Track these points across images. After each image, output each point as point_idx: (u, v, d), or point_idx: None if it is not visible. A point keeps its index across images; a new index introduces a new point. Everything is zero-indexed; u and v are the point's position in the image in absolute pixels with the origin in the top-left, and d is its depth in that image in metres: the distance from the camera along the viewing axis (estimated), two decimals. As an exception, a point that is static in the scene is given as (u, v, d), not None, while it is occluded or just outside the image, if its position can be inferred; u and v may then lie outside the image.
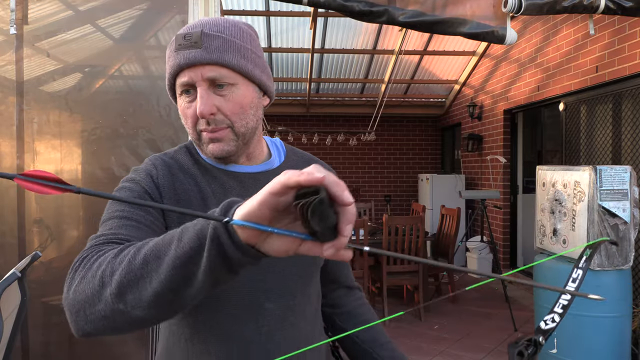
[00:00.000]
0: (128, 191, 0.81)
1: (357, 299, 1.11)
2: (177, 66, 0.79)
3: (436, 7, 2.27)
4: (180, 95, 0.83)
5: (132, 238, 0.72)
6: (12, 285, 1.54)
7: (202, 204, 0.84)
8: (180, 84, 0.81)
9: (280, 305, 0.85)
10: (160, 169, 0.86)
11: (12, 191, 2.22)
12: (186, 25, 0.83)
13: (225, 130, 0.83)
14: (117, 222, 0.76)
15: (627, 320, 2.73)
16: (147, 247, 0.59)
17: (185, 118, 0.84)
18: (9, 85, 2.20)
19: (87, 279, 0.62)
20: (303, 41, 6.27)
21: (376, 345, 1.03)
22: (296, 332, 0.87)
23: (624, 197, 2.67)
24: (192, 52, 0.77)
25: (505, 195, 6.14)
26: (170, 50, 0.81)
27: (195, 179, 0.87)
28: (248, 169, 0.91)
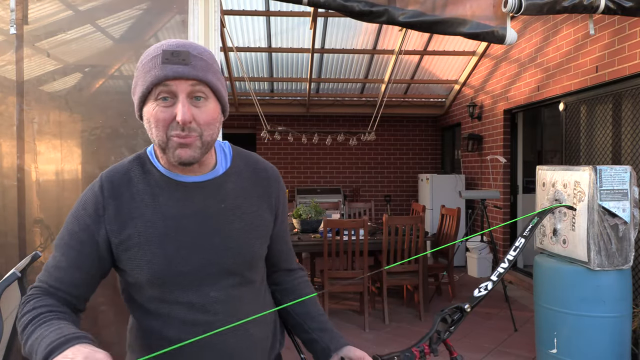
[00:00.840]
0: (70, 249, 0.98)
1: (296, 277, 1.24)
2: (163, 76, 0.90)
3: (436, 7, 2.27)
4: (156, 101, 0.92)
5: (60, 283, 0.97)
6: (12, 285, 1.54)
7: (147, 218, 0.98)
8: (161, 91, 0.91)
9: (223, 294, 1.01)
10: (107, 194, 0.99)
11: (13, 191, 2.23)
12: (166, 43, 0.94)
13: (195, 138, 0.93)
14: (50, 272, 0.99)
15: (627, 320, 2.73)
16: (29, 340, 0.87)
17: (156, 121, 0.92)
18: (9, 85, 2.20)
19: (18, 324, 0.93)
20: (303, 41, 6.27)
21: (308, 318, 1.16)
22: (238, 312, 1.03)
23: (624, 197, 2.67)
24: (180, 67, 0.90)
25: (505, 195, 6.14)
26: (154, 61, 0.92)
27: (142, 195, 0.99)
28: (194, 179, 1.01)
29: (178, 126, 0.91)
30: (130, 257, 0.97)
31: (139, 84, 0.94)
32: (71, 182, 2.32)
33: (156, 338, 1.00)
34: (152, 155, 1.04)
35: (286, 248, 1.21)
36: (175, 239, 0.97)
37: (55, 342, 0.79)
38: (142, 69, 0.94)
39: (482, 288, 1.05)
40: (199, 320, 0.99)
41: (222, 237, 1.01)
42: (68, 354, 0.75)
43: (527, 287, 5.45)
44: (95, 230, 0.97)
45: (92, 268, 0.98)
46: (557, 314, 2.78)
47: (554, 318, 2.81)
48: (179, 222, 0.98)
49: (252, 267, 1.07)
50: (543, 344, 2.91)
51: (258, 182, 1.10)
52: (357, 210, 6.37)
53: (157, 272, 0.96)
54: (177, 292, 0.98)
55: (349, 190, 8.44)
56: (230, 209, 1.03)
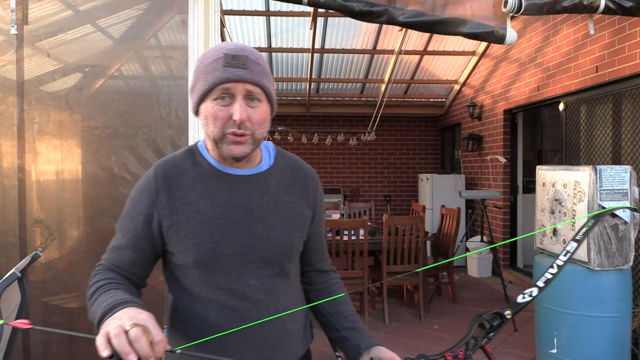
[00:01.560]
0: (127, 232, 1.08)
1: (329, 279, 1.29)
2: (225, 78, 0.99)
3: (436, 7, 2.27)
4: (215, 100, 1.01)
5: (120, 262, 1.08)
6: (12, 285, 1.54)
7: (196, 204, 1.06)
8: (221, 90, 1.00)
9: (263, 283, 1.09)
10: (160, 181, 1.08)
11: (13, 191, 2.23)
12: (226, 46, 1.03)
13: (248, 136, 1.03)
14: (112, 250, 1.10)
15: (627, 320, 2.73)
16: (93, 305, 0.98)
17: (214, 119, 1.01)
18: (10, 85, 2.21)
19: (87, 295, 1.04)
20: (303, 41, 6.27)
21: (339, 317, 1.21)
22: (276, 303, 1.11)
23: (624, 197, 2.67)
24: (240, 71, 1.00)
25: (505, 195, 6.14)
26: (216, 63, 1.01)
27: (193, 183, 1.08)
28: (241, 172, 1.10)
29: (234, 124, 1.00)
30: (180, 240, 1.05)
31: (199, 82, 1.02)
32: (71, 182, 2.32)
33: (197, 321, 1.07)
34: (202, 149, 1.13)
35: (321, 248, 1.27)
36: (221, 225, 1.05)
37: (109, 306, 0.91)
38: (203, 69, 1.02)
39: (527, 294, 1.01)
40: (238, 307, 1.07)
41: (264, 228, 1.08)
42: (117, 315, 0.86)
43: (527, 287, 5.43)
44: (149, 214, 1.06)
45: (146, 249, 1.08)
46: (557, 314, 2.79)
47: (554, 318, 2.81)
48: (226, 210, 1.06)
49: (289, 259, 1.14)
50: (543, 344, 2.91)
51: (298, 180, 1.18)
52: (357, 210, 6.37)
53: (203, 254, 1.04)
54: (219, 277, 1.06)
55: (349, 190, 8.44)
56: (272, 202, 1.11)
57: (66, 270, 2.35)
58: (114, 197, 2.27)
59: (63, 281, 2.34)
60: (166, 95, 2.27)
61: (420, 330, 4.20)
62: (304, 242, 1.19)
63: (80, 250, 2.35)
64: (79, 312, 2.32)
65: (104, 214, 2.29)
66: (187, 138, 2.18)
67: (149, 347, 0.80)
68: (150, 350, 0.80)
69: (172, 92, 2.27)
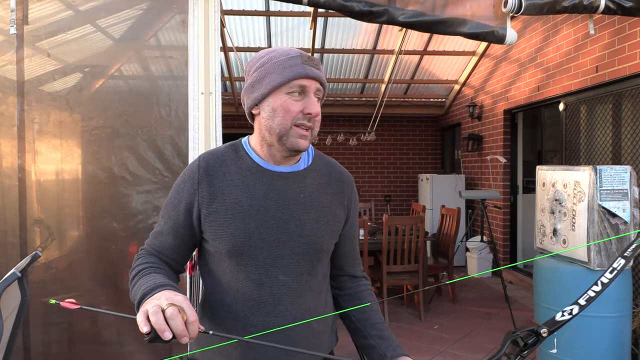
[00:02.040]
0: (169, 219, 1.14)
1: (359, 285, 1.29)
2: (305, 74, 1.06)
3: (436, 7, 2.27)
4: (287, 94, 1.06)
5: (161, 247, 1.15)
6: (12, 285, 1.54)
7: (235, 195, 1.11)
8: (297, 85, 1.06)
9: (291, 279, 1.11)
10: (202, 172, 1.13)
11: (13, 191, 2.23)
12: (296, 49, 1.10)
13: (309, 131, 1.09)
14: (154, 236, 1.16)
15: (627, 320, 2.73)
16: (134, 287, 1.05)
17: (286, 111, 1.06)
18: (10, 85, 2.21)
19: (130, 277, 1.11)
20: (303, 41, 6.27)
21: (368, 325, 1.22)
22: (302, 301, 1.13)
23: (624, 197, 2.67)
24: (315, 70, 1.08)
25: (505, 195, 6.14)
26: (293, 60, 1.07)
27: (233, 175, 1.13)
28: (280, 169, 1.15)
29: (304, 117, 1.07)
30: (216, 228, 1.09)
31: (271, 76, 1.06)
32: (71, 182, 2.32)
33: (224, 311, 1.12)
34: (246, 145, 1.18)
35: (353, 252, 1.29)
36: (257, 217, 1.09)
37: (148, 288, 0.97)
38: (277, 65, 1.07)
39: (567, 312, 0.94)
40: (265, 301, 1.10)
41: (297, 224, 1.12)
42: (156, 296, 0.92)
43: (527, 287, 5.45)
44: (190, 201, 1.11)
45: (185, 235, 1.13)
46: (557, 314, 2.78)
47: (554, 318, 2.81)
48: (263, 203, 1.10)
49: (320, 258, 1.16)
50: (543, 343, 2.91)
51: (334, 182, 1.21)
52: (357, 210, 6.36)
53: (237, 244, 1.08)
54: (250, 268, 1.09)
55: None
56: (308, 200, 1.14)
57: (66, 270, 2.35)
58: (114, 197, 2.27)
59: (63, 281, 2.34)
60: (166, 95, 2.27)
61: (420, 330, 4.20)
62: (335, 245, 1.22)
63: (80, 250, 2.35)
64: (79, 312, 2.32)
65: (104, 214, 2.29)
66: (187, 138, 2.18)
67: (183, 326, 0.85)
68: (184, 329, 0.85)
69: (172, 92, 2.27)
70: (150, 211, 2.22)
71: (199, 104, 2.14)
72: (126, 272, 2.41)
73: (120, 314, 0.95)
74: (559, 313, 0.94)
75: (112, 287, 2.32)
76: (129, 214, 2.26)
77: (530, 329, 0.92)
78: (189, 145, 2.16)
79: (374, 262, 5.06)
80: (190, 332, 0.86)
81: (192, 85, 2.15)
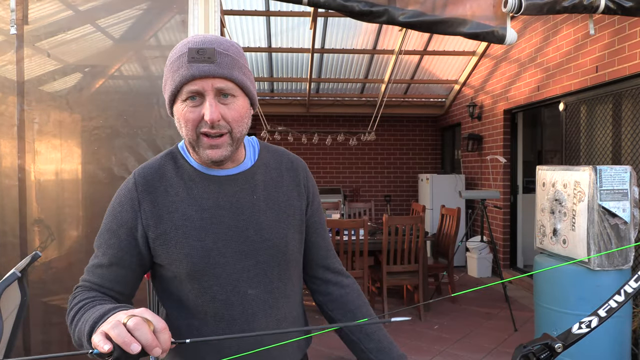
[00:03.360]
0: (110, 247, 0.99)
1: (343, 286, 1.18)
2: (190, 76, 0.90)
3: (436, 7, 2.27)
4: (184, 101, 0.93)
5: (102, 282, 1.00)
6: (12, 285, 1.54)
7: (182, 211, 0.99)
8: (188, 91, 0.91)
9: (261, 291, 1.02)
10: (141, 189, 1.00)
11: (13, 191, 2.23)
12: (192, 40, 0.93)
13: (225, 136, 0.94)
14: (92, 270, 1.01)
15: (627, 320, 2.73)
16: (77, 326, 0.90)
17: (185, 121, 0.93)
18: (10, 85, 2.21)
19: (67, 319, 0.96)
20: (303, 41, 6.27)
21: (363, 336, 1.11)
22: (276, 312, 1.04)
23: (624, 197, 2.67)
24: (206, 66, 0.90)
25: (505, 195, 6.14)
26: (180, 60, 0.92)
27: (177, 189, 1.00)
28: (226, 172, 1.03)
29: (207, 124, 0.92)
30: (169, 251, 0.97)
31: (168, 82, 0.95)
32: (71, 182, 2.32)
33: (194, 335, 1.00)
34: (183, 150, 1.05)
35: (324, 243, 1.17)
36: (211, 231, 0.98)
37: (98, 316, 0.84)
38: (170, 68, 0.94)
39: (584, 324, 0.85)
40: (237, 319, 1.00)
41: (256, 229, 1.01)
42: (109, 320, 0.78)
43: (527, 287, 5.45)
44: (132, 225, 0.98)
45: (132, 264, 0.99)
46: (557, 314, 2.79)
47: (554, 318, 2.81)
48: (215, 214, 0.99)
49: (287, 260, 1.06)
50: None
51: (285, 172, 1.10)
52: (357, 210, 6.37)
53: (196, 264, 0.97)
54: (215, 288, 0.98)
55: (349, 190, 8.44)
56: (262, 200, 1.04)
57: (66, 270, 2.35)
58: (114, 197, 2.27)
59: (63, 281, 2.34)
60: (166, 95, 2.27)
61: (420, 330, 4.20)
62: (304, 239, 1.12)
63: (80, 250, 2.35)
64: (79, 312, 2.32)
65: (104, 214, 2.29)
66: (187, 138, 2.17)
67: (152, 335, 0.73)
68: (154, 338, 0.73)
69: (172, 92, 2.26)
70: (150, 211, 2.22)
71: (199, 104, 2.14)
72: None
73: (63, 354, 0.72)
74: (576, 325, 0.86)
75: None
76: (129, 214, 2.26)
77: (544, 343, 0.84)
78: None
79: (374, 262, 5.06)
80: (161, 342, 0.74)
81: (192, 85, 2.15)
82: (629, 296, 0.87)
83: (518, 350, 0.84)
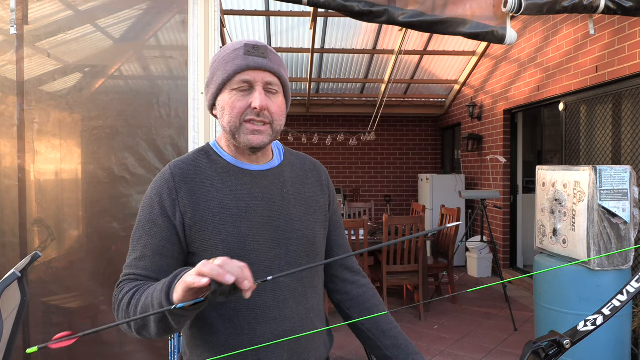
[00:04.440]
0: (151, 238, 1.02)
1: (360, 285, 1.23)
2: (245, 66, 0.99)
3: (436, 7, 2.27)
4: (233, 90, 1.01)
5: (146, 273, 1.01)
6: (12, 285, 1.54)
7: (219, 200, 1.04)
8: (240, 80, 1.00)
9: (291, 279, 1.06)
10: (178, 179, 1.04)
11: (13, 191, 2.23)
12: (246, 40, 1.04)
13: (267, 125, 1.03)
14: (135, 264, 1.02)
15: (627, 320, 2.73)
16: (139, 304, 0.92)
17: (232, 108, 1.01)
18: (10, 85, 2.21)
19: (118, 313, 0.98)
20: (303, 41, 6.27)
21: (379, 333, 1.15)
22: (305, 301, 1.08)
23: (624, 197, 2.67)
24: (260, 59, 1.00)
25: (505, 195, 6.14)
26: (235, 53, 1.01)
27: (212, 180, 1.05)
28: (258, 167, 1.10)
29: (253, 112, 1.00)
30: (205, 238, 1.01)
31: (217, 74, 1.02)
32: (71, 182, 2.32)
33: (225, 327, 1.03)
34: (216, 147, 1.11)
35: (344, 242, 1.24)
36: (246, 219, 1.03)
37: (170, 280, 0.85)
38: (221, 61, 1.02)
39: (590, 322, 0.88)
40: (269, 306, 1.03)
41: (286, 220, 1.07)
42: (190, 271, 0.79)
43: (527, 287, 5.45)
44: (171, 213, 1.02)
45: (174, 252, 1.02)
46: (557, 314, 2.79)
47: (554, 318, 2.81)
48: (249, 203, 1.04)
49: (315, 251, 1.11)
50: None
51: (309, 172, 1.19)
52: (357, 210, 6.37)
53: (232, 249, 1.00)
54: None
55: (349, 190, 8.44)
56: (291, 194, 1.11)
57: (66, 270, 2.35)
58: (114, 197, 2.27)
59: (63, 281, 2.34)
60: (166, 95, 2.27)
61: (420, 330, 4.20)
62: (330, 242, 1.20)
63: (80, 250, 2.35)
64: (78, 312, 2.32)
65: (104, 214, 2.29)
66: (187, 138, 2.18)
67: (241, 269, 0.76)
68: (243, 271, 0.76)
69: (172, 92, 2.27)
70: (150, 211, 2.21)
71: (199, 104, 2.14)
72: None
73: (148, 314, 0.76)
74: (582, 323, 0.89)
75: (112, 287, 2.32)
76: (129, 214, 2.26)
77: (553, 339, 0.87)
78: (188, 145, 2.16)
79: (374, 262, 5.06)
80: (249, 276, 0.77)
81: (192, 85, 2.15)
82: (631, 296, 0.91)
83: (528, 347, 0.87)
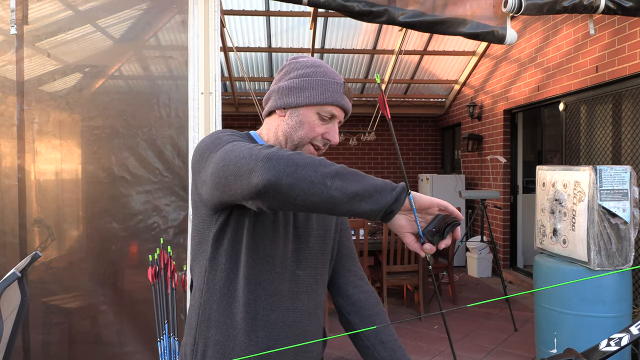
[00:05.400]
0: (234, 135, 1.04)
1: (363, 291, 1.24)
2: (340, 105, 1.09)
3: (436, 7, 2.27)
4: (319, 114, 1.08)
5: None
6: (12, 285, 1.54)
7: None
8: (330, 111, 1.09)
9: (307, 274, 1.12)
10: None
11: (13, 191, 2.23)
12: (341, 77, 1.13)
13: (317, 152, 1.12)
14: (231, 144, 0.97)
15: (627, 320, 2.73)
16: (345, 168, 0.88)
17: (311, 129, 1.08)
18: (10, 85, 2.21)
19: (303, 158, 0.84)
20: (303, 41, 6.27)
21: (378, 344, 1.15)
22: (316, 297, 1.13)
23: (624, 197, 2.67)
24: (349, 103, 1.12)
25: (505, 195, 6.14)
26: (336, 86, 1.09)
27: None
28: None
29: (322, 141, 1.10)
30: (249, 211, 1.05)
31: (313, 92, 1.08)
32: (71, 182, 2.32)
33: (242, 310, 1.05)
34: (258, 139, 1.16)
35: (350, 246, 1.28)
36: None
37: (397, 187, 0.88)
38: (321, 84, 1.08)
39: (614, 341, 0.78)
40: (285, 295, 1.07)
41: (305, 217, 1.13)
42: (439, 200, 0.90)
43: (527, 287, 5.45)
44: None
45: None
46: (557, 314, 2.79)
47: (554, 318, 2.81)
48: None
49: (329, 251, 1.18)
50: (543, 344, 2.91)
51: None
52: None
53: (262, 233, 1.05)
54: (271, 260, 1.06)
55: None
56: None
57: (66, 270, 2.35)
58: (114, 197, 2.27)
59: (63, 281, 2.34)
60: (166, 95, 2.27)
61: (420, 330, 4.20)
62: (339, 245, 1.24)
63: (80, 250, 2.35)
64: (78, 312, 2.32)
65: (104, 214, 2.29)
66: (187, 138, 2.18)
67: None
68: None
69: (172, 92, 2.27)
70: (150, 211, 2.22)
71: (199, 104, 2.14)
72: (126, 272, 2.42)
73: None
74: (604, 341, 0.79)
75: (112, 287, 2.32)
76: (129, 214, 2.26)
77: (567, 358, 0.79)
78: (188, 145, 2.16)
79: (373, 262, 5.06)
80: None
81: (192, 85, 2.15)
82: None
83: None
